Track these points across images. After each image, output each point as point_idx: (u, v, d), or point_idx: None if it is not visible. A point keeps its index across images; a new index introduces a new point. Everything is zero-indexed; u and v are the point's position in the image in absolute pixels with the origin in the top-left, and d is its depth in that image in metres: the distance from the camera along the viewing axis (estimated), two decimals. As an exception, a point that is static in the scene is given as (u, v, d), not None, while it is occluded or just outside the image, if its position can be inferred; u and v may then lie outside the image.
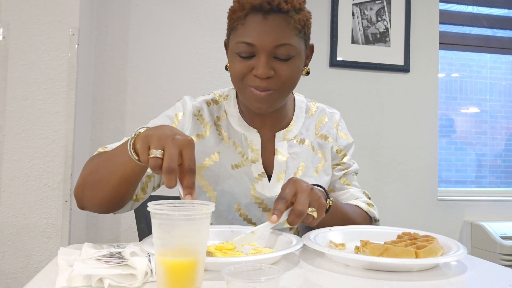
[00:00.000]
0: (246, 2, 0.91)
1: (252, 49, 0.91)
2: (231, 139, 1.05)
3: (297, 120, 1.10)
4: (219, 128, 1.06)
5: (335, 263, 0.76)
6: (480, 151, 3.00)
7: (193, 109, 1.06)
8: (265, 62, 0.91)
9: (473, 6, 2.90)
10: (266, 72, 0.90)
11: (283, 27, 0.91)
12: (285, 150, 1.05)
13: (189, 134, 1.02)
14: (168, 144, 0.68)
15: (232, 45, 0.95)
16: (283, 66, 0.92)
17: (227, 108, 1.08)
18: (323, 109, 1.16)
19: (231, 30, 0.96)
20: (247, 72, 0.93)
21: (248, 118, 1.06)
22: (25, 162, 1.66)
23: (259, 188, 1.02)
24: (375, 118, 2.64)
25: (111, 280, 0.61)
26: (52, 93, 1.69)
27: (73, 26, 1.71)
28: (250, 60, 0.92)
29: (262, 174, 1.03)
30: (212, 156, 1.03)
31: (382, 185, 2.62)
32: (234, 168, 1.03)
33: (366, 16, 2.62)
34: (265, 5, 0.89)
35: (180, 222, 0.55)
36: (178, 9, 2.12)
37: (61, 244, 1.66)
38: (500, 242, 2.42)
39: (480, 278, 0.71)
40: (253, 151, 1.04)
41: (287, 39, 0.91)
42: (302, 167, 1.06)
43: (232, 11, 0.95)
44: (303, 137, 1.09)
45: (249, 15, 0.91)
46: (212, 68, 2.15)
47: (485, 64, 3.04)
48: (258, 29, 0.90)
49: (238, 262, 0.62)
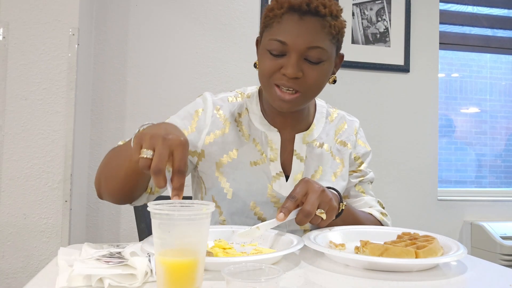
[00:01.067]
0: (285, 1, 0.91)
1: (284, 47, 0.90)
2: (251, 136, 1.05)
3: (317, 124, 1.10)
4: (239, 124, 1.06)
5: (335, 263, 0.76)
6: (480, 151, 3.00)
7: (213, 105, 1.05)
8: (295, 62, 0.90)
9: (473, 6, 2.90)
10: (294, 72, 0.90)
11: (318, 30, 0.90)
12: (303, 152, 1.05)
13: (208, 130, 1.03)
14: (159, 144, 0.68)
15: (265, 42, 0.94)
16: (312, 69, 0.92)
17: (249, 106, 1.08)
18: (343, 116, 1.16)
19: (266, 27, 0.95)
20: (276, 70, 0.92)
21: (269, 117, 1.06)
22: (25, 162, 1.66)
23: (276, 187, 1.02)
24: (375, 118, 2.64)
25: (111, 280, 0.60)
26: (52, 93, 1.69)
27: (73, 26, 1.71)
28: (281, 58, 0.92)
29: (279, 173, 1.03)
30: (230, 153, 1.03)
31: (382, 185, 2.62)
32: (253, 165, 1.03)
33: (366, 16, 2.62)
34: (303, 6, 0.89)
35: (180, 222, 0.55)
36: (178, 9, 2.11)
37: (61, 244, 1.66)
38: (500, 242, 2.42)
39: (480, 278, 0.71)
40: (272, 150, 1.03)
41: (320, 42, 0.90)
42: (320, 170, 1.06)
43: (269, 9, 0.95)
44: (323, 141, 1.09)
45: (286, 14, 0.91)
46: (212, 68, 2.15)
47: (485, 64, 3.04)
48: (293, 29, 0.90)
49: (238, 262, 0.62)
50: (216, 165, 1.03)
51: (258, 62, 0.99)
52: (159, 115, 2.04)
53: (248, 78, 2.19)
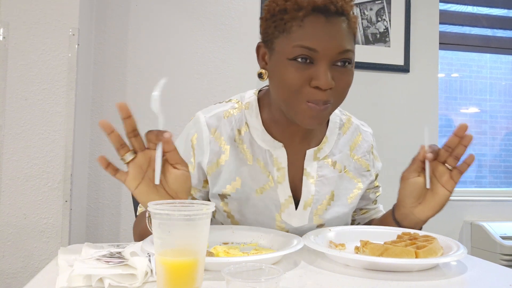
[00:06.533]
0: (304, 1, 0.80)
1: (313, 54, 0.80)
2: (255, 156, 0.93)
3: (330, 137, 0.99)
4: (240, 144, 0.94)
5: (335, 263, 0.76)
6: (480, 151, 3.00)
7: (209, 127, 0.93)
8: (327, 71, 0.80)
9: (473, 6, 2.89)
10: (329, 83, 0.80)
11: (346, 32, 0.82)
12: (314, 171, 0.95)
13: (209, 159, 0.93)
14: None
15: (285, 49, 0.82)
16: (343, 75, 0.83)
17: (249, 119, 0.95)
18: (357, 127, 1.06)
19: (281, 32, 0.83)
20: (305, 82, 0.81)
21: (273, 129, 0.94)
22: (25, 162, 1.66)
23: (285, 217, 0.94)
24: (375, 118, 2.64)
25: (111, 280, 0.60)
26: (52, 93, 1.69)
27: (73, 26, 1.71)
28: (309, 68, 0.81)
29: (289, 200, 0.94)
30: (233, 183, 0.93)
31: (382, 185, 2.62)
32: (258, 194, 0.93)
33: (366, 16, 2.62)
34: (330, 6, 0.80)
35: (180, 222, 0.55)
36: (178, 9, 2.11)
37: (61, 244, 1.66)
38: (500, 242, 2.42)
39: (480, 278, 0.71)
40: (279, 170, 0.93)
41: (349, 44, 0.82)
42: (332, 195, 0.97)
43: (281, 10, 0.83)
44: (335, 159, 0.99)
45: (309, 16, 0.81)
46: (212, 68, 2.15)
47: (485, 64, 3.04)
48: (322, 33, 0.80)
49: (238, 262, 0.62)
50: (220, 197, 0.95)
51: (274, 74, 0.86)
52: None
53: (248, 78, 2.18)
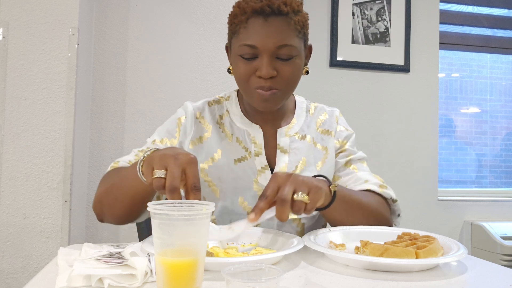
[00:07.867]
0: (247, 6, 0.95)
1: (254, 51, 0.95)
2: (234, 136, 1.08)
3: (298, 118, 1.13)
4: (221, 126, 1.10)
5: (335, 263, 0.76)
6: (480, 151, 3.00)
7: (194, 111, 1.10)
8: (268, 63, 0.94)
9: (473, 6, 2.90)
10: (269, 72, 0.94)
11: (284, 29, 0.95)
12: (287, 145, 1.08)
13: (192, 136, 1.07)
14: (171, 163, 0.70)
15: (235, 48, 0.98)
16: (285, 66, 0.96)
17: (229, 108, 1.12)
18: (322, 108, 1.19)
19: (233, 34, 0.99)
20: (251, 73, 0.97)
21: (250, 116, 1.10)
22: (24, 162, 1.66)
23: (262, 180, 1.04)
24: (375, 118, 2.64)
25: (111, 280, 0.60)
26: (52, 93, 1.69)
27: (72, 26, 1.70)
28: (254, 61, 0.96)
29: (265, 167, 1.05)
30: (214, 155, 1.06)
31: (382, 185, 2.62)
32: (237, 163, 1.05)
33: (366, 16, 2.62)
34: (266, 8, 0.93)
35: (180, 222, 0.55)
36: (178, 9, 2.11)
37: (61, 244, 1.66)
38: (500, 242, 2.42)
39: (480, 278, 0.71)
40: (256, 146, 1.07)
41: (288, 40, 0.95)
42: (304, 161, 1.08)
43: (232, 15, 0.99)
44: (304, 133, 1.12)
45: (250, 19, 0.95)
46: (212, 68, 2.15)
47: (485, 64, 3.04)
48: (260, 32, 0.94)
49: (238, 262, 0.62)
50: (201, 169, 1.05)
51: (232, 68, 1.03)
52: (159, 115, 2.04)
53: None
